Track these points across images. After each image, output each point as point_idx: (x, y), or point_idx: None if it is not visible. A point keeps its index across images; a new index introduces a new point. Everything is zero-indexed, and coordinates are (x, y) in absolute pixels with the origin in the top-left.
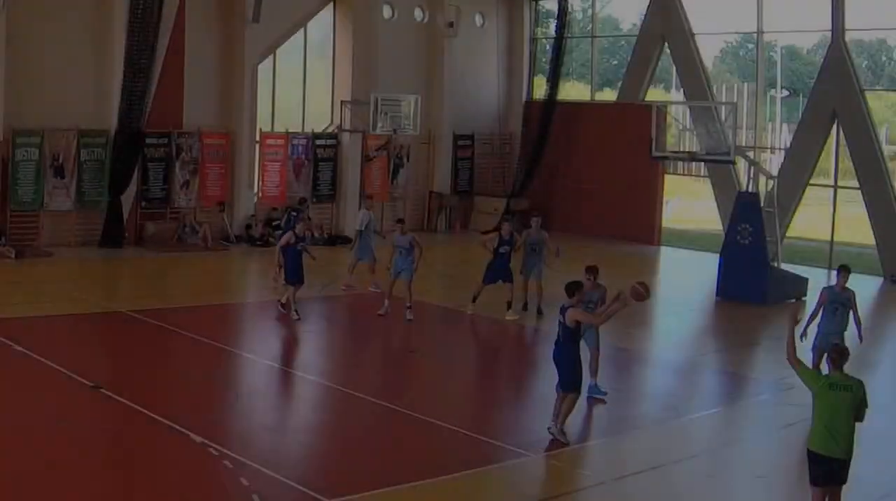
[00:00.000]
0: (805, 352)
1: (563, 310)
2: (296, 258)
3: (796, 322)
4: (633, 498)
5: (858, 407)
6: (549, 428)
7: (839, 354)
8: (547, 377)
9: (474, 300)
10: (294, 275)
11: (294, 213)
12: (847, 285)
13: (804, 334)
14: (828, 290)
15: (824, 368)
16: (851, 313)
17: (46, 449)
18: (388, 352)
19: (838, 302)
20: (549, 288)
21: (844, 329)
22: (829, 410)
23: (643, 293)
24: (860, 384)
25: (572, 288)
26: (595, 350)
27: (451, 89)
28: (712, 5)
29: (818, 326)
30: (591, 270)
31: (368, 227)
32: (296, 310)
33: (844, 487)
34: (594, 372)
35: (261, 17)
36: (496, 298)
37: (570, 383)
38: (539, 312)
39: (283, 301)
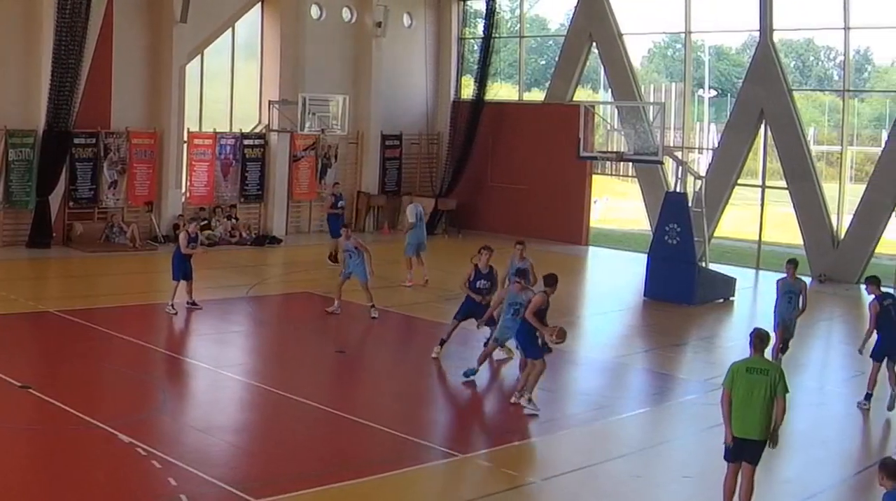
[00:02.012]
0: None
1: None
2: (185, 257)
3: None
4: (560, 499)
5: (775, 390)
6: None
7: (760, 339)
8: (476, 379)
9: (442, 344)
10: (180, 274)
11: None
12: (798, 276)
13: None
14: (782, 281)
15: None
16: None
17: None
18: (316, 353)
19: (792, 292)
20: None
21: (798, 314)
22: (744, 392)
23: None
24: (777, 368)
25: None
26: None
27: (379, 89)
28: (640, 6)
29: (776, 312)
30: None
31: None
32: (173, 305)
33: (772, 487)
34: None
35: (189, 17)
36: (426, 296)
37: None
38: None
39: (191, 299)
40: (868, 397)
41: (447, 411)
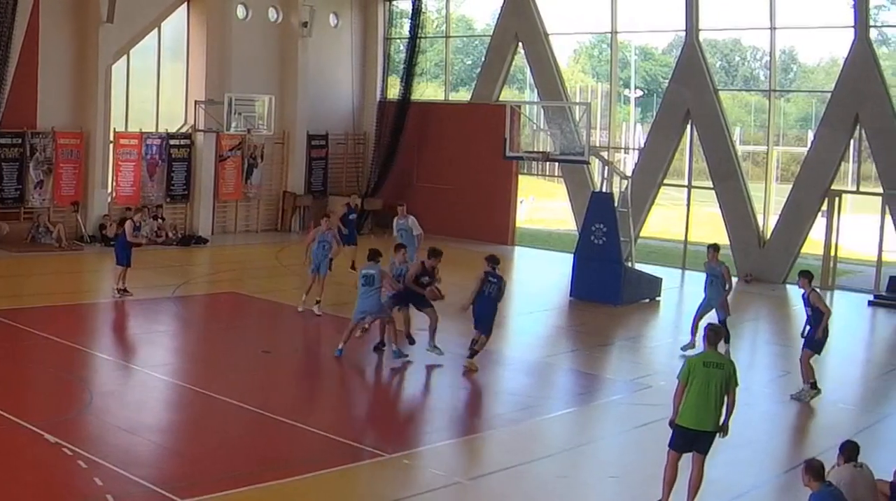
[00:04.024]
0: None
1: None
2: (129, 245)
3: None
4: (486, 499)
5: (728, 384)
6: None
7: (714, 333)
8: (398, 377)
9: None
10: (125, 260)
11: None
12: (719, 259)
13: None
14: (706, 265)
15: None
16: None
17: None
18: (242, 353)
19: (713, 275)
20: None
21: (723, 295)
22: (701, 385)
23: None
24: (731, 363)
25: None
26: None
27: (306, 89)
28: (566, 6)
29: (704, 294)
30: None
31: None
32: (119, 290)
33: (702, 490)
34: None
35: (115, 17)
36: (353, 297)
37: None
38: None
39: (120, 285)
40: (813, 385)
41: (374, 411)
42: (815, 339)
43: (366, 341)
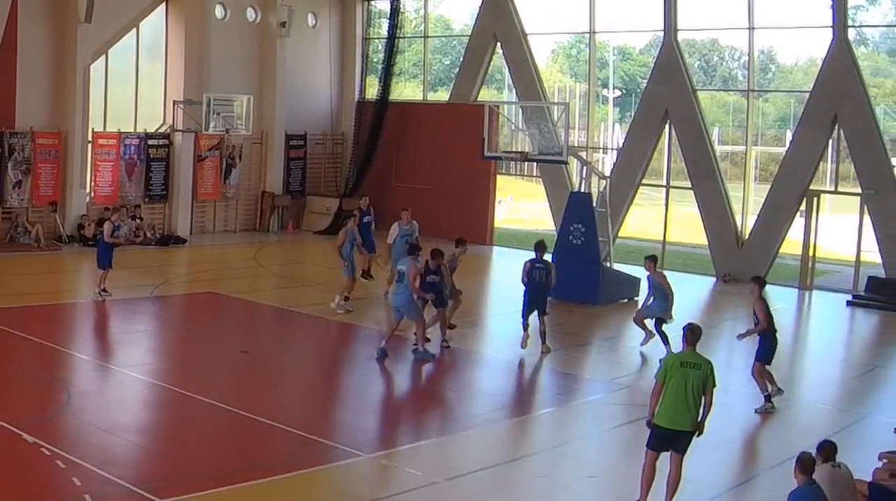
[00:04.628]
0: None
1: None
2: (109, 246)
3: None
4: (464, 499)
5: (705, 383)
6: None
7: (692, 333)
8: (376, 377)
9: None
10: (106, 262)
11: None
12: (656, 269)
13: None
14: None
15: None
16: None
17: None
18: (221, 353)
19: (651, 285)
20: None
21: (664, 304)
22: (679, 385)
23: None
24: (708, 363)
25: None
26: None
27: (284, 89)
28: (544, 6)
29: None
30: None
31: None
32: (100, 292)
33: (680, 490)
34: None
35: (93, 17)
36: (331, 298)
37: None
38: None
39: (103, 287)
40: (768, 398)
41: (351, 411)
42: (764, 350)
43: (348, 342)
